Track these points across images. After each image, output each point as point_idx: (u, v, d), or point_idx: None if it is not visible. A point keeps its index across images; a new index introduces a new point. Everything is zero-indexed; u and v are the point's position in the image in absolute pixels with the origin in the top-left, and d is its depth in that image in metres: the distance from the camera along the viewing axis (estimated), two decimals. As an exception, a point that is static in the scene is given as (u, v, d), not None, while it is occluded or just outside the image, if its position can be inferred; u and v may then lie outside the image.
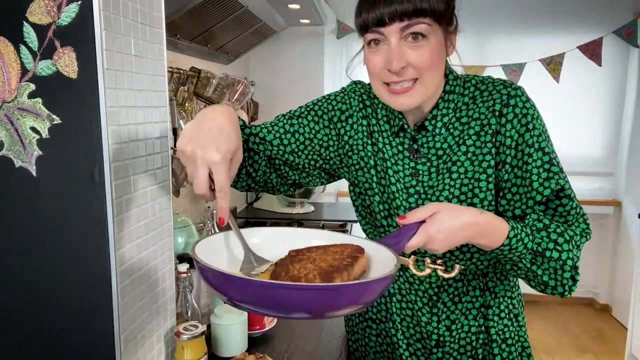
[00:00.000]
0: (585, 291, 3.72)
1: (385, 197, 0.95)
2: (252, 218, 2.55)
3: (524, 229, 0.80)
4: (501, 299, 0.97)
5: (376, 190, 0.96)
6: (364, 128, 0.98)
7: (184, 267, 1.05)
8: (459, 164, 0.89)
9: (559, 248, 0.81)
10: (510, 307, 0.98)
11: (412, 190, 0.92)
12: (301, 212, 2.61)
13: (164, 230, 0.92)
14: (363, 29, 0.83)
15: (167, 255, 0.94)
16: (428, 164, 0.92)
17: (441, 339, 0.96)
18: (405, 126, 0.92)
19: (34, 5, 0.70)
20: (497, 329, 0.96)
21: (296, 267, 0.67)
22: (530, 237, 0.80)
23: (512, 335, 0.98)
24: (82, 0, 0.69)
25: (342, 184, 3.64)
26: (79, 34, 0.70)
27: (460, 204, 0.89)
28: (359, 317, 1.08)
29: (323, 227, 2.31)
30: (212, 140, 0.69)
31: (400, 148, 0.94)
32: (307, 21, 2.48)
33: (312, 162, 1.01)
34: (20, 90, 0.73)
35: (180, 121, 1.69)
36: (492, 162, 0.87)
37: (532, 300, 3.72)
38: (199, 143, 0.69)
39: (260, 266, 0.75)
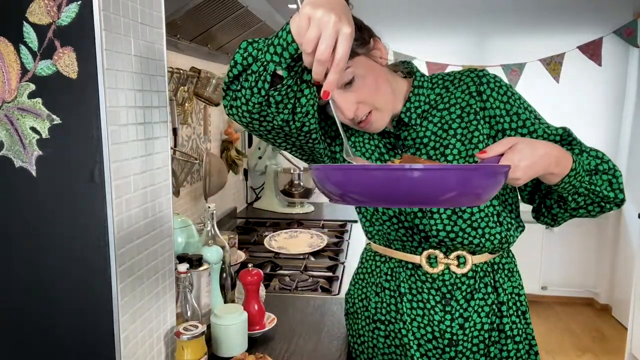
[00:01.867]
0: (585, 291, 3.72)
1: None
2: (252, 218, 2.55)
3: (577, 156, 0.88)
4: (509, 296, 1.00)
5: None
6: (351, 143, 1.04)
7: (184, 267, 1.05)
8: (450, 146, 0.94)
9: (605, 159, 0.91)
10: (518, 304, 1.01)
11: None
12: (301, 212, 2.61)
13: (164, 230, 0.92)
14: None
15: (167, 255, 0.94)
16: (418, 153, 0.97)
17: (454, 337, 0.96)
18: (385, 127, 0.96)
19: (34, 5, 0.70)
20: (510, 325, 0.98)
21: (420, 160, 0.73)
22: (580, 161, 0.87)
23: (520, 332, 1.00)
24: (82, 0, 0.69)
25: (342, 184, 3.64)
26: (79, 34, 0.70)
27: None
28: (366, 320, 1.08)
29: (323, 227, 2.31)
30: (345, 12, 0.69)
31: (389, 146, 0.99)
32: (307, 21, 2.48)
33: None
34: (20, 90, 0.73)
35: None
36: (481, 137, 0.94)
37: (532, 300, 3.71)
38: (334, 10, 0.66)
39: (356, 159, 0.82)
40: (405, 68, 1.00)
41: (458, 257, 0.96)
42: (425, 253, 0.96)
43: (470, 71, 0.97)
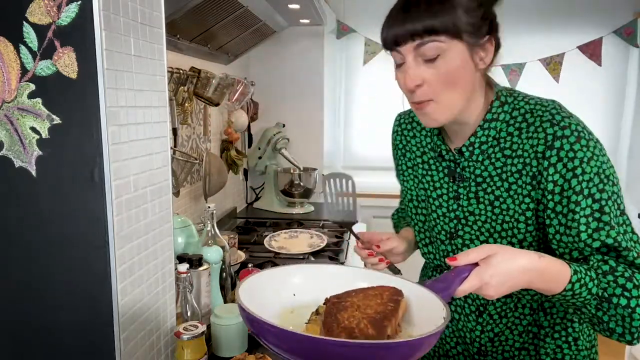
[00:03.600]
0: (585, 291, 3.72)
1: (427, 226, 1.00)
2: (252, 218, 2.55)
3: (588, 272, 0.75)
4: (557, 319, 0.93)
5: (416, 221, 1.02)
6: (404, 164, 1.04)
7: (184, 267, 1.05)
8: (501, 199, 0.87)
9: (627, 294, 0.74)
10: (570, 329, 0.93)
11: (452, 215, 0.93)
12: (301, 212, 2.61)
13: (164, 230, 0.92)
14: (385, 47, 0.85)
15: (167, 255, 0.94)
16: (469, 188, 0.90)
17: (483, 348, 0.96)
18: (444, 152, 0.93)
19: (33, 5, 0.70)
20: (547, 349, 0.93)
21: (344, 316, 0.66)
22: (595, 281, 0.75)
23: (567, 358, 0.93)
24: (82, 0, 0.69)
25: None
26: (79, 34, 0.70)
27: (501, 242, 0.87)
28: None
29: (323, 227, 2.31)
30: None
31: (447, 171, 0.94)
32: (307, 21, 2.48)
33: None
34: (20, 90, 0.73)
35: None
36: (531, 205, 0.84)
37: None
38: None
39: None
40: (499, 90, 0.90)
41: None
42: None
43: (552, 123, 0.81)
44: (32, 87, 0.73)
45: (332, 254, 1.92)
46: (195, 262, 1.13)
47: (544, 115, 0.83)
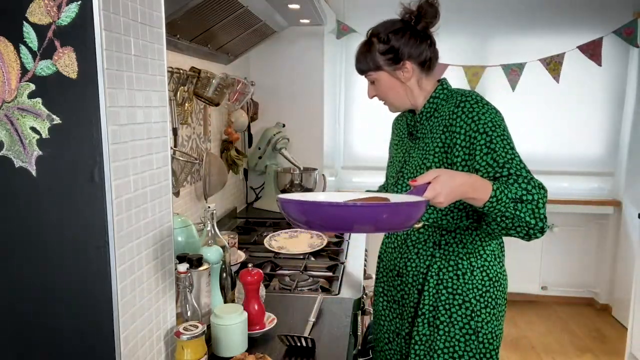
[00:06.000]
0: (585, 291, 3.72)
1: (390, 172, 1.47)
2: (252, 218, 2.55)
3: (501, 185, 1.09)
4: (450, 255, 1.29)
5: (387, 172, 1.50)
6: (394, 137, 1.51)
7: (184, 267, 1.05)
8: (433, 144, 1.28)
9: (531, 192, 1.10)
10: (460, 266, 1.29)
11: (402, 158, 1.40)
12: (301, 212, 2.61)
13: (164, 230, 0.92)
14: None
15: (167, 255, 0.94)
16: (416, 142, 1.36)
17: (400, 270, 1.37)
18: (408, 118, 1.40)
19: (34, 5, 0.70)
20: (445, 277, 1.29)
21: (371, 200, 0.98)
22: (507, 189, 1.09)
23: (456, 287, 1.28)
24: (82, 0, 0.69)
25: (342, 184, 3.64)
26: (79, 34, 0.70)
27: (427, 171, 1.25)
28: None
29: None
30: None
31: (406, 133, 1.42)
32: (307, 21, 2.48)
33: None
34: (20, 90, 0.73)
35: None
36: (440, 144, 1.25)
37: (532, 300, 3.72)
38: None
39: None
40: (443, 81, 1.36)
41: None
42: None
43: (463, 94, 1.25)
44: (32, 87, 0.73)
45: (332, 254, 1.92)
46: (195, 262, 1.13)
47: (464, 93, 1.27)
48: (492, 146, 1.16)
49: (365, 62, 1.31)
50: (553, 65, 3.28)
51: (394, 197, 1.01)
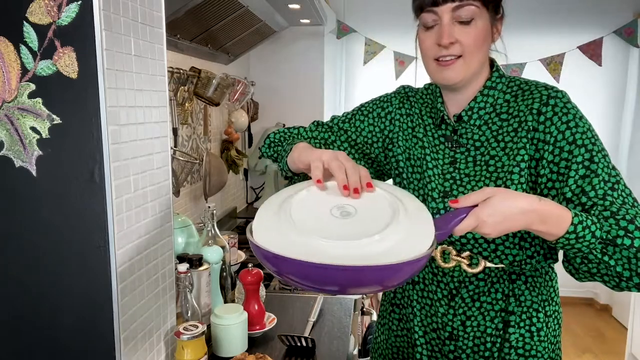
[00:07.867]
0: (585, 291, 3.72)
1: (421, 184, 0.99)
2: (252, 218, 2.54)
3: (589, 217, 0.78)
4: (524, 308, 0.95)
5: (411, 179, 1.02)
6: (404, 123, 1.05)
7: (184, 267, 1.05)
8: (496, 158, 0.92)
9: (631, 235, 0.77)
10: (535, 319, 0.96)
11: (448, 176, 0.96)
12: (301, 212, 2.61)
13: (164, 230, 0.92)
14: (419, 9, 0.92)
15: (167, 255, 0.94)
16: (466, 153, 0.95)
17: (454, 332, 0.98)
18: (445, 117, 0.97)
19: (34, 5, 0.70)
20: (511, 337, 0.95)
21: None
22: (598, 225, 0.77)
23: (529, 348, 0.96)
24: (82, 0, 0.69)
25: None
26: (79, 34, 0.70)
27: None
28: (388, 303, 1.11)
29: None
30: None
31: (442, 139, 0.99)
32: (307, 21, 2.48)
33: (362, 163, 1.09)
34: (21, 90, 0.73)
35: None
36: (526, 157, 0.89)
37: (532, 300, 3.72)
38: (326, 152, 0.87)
39: None
40: (498, 66, 0.99)
41: (471, 257, 0.91)
42: (440, 248, 0.91)
43: (547, 87, 0.91)
44: (33, 87, 0.73)
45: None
46: (195, 262, 1.13)
47: (539, 84, 0.93)
48: (592, 167, 0.84)
49: None
50: (553, 65, 3.28)
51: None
